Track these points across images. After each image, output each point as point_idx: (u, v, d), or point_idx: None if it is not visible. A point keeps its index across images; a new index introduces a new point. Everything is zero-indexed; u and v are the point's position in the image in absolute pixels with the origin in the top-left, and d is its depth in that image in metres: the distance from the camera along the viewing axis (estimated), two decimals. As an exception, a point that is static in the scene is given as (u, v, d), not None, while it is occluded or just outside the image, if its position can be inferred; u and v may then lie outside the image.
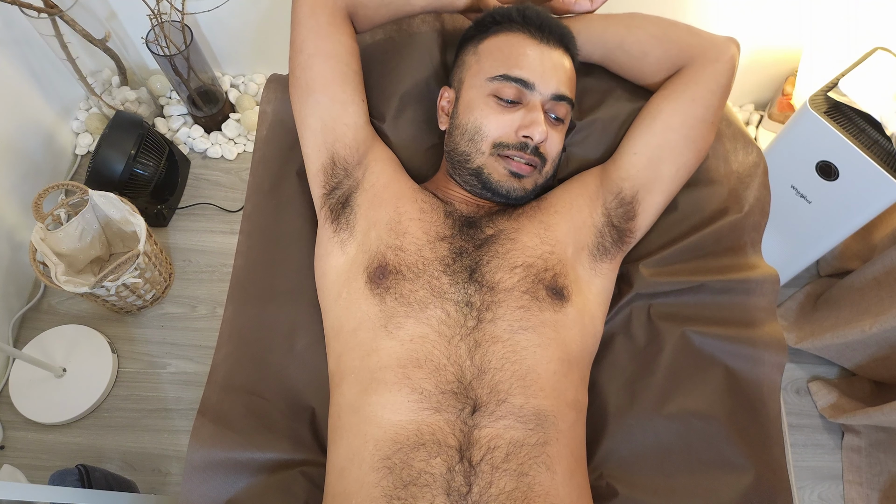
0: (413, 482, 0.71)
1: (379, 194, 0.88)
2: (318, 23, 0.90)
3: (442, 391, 0.76)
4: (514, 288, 0.81)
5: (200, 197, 1.67)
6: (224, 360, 0.90)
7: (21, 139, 1.55)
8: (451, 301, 0.80)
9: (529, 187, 0.90)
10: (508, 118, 0.87)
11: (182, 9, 1.46)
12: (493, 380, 0.76)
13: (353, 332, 0.82)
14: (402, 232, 0.84)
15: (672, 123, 0.90)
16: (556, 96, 0.87)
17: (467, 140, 0.89)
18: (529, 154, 0.87)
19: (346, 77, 0.91)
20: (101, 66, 1.73)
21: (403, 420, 0.75)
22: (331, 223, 0.89)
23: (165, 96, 1.78)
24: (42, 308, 1.55)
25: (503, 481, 0.72)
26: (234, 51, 1.71)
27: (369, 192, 0.89)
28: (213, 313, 1.54)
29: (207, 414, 0.85)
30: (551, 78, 0.86)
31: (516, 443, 0.74)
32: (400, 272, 0.81)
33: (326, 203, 0.90)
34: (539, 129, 0.84)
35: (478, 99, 0.89)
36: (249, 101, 1.73)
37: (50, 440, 1.41)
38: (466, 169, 0.90)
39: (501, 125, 0.87)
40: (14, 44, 1.50)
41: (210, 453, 0.83)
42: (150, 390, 1.47)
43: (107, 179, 1.49)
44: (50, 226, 1.40)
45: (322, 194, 0.91)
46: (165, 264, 1.53)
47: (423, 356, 0.77)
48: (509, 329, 0.79)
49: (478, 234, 0.87)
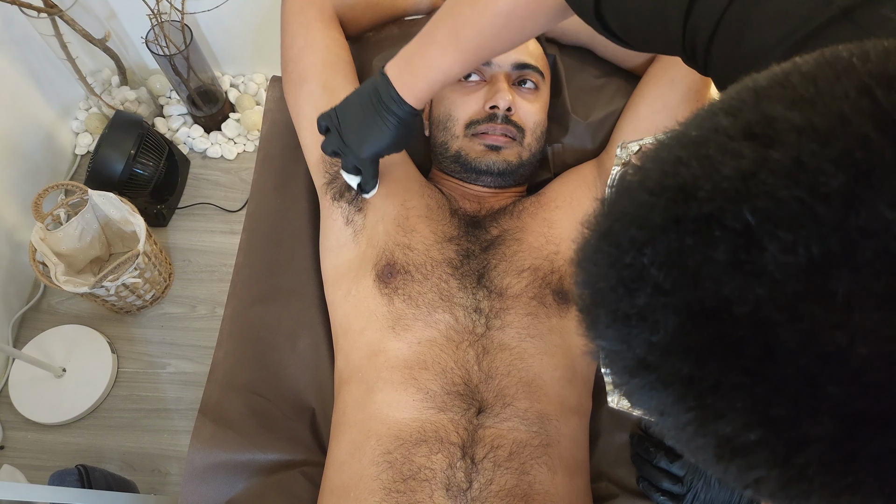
0: (413, 476, 0.71)
1: (386, 184, 0.88)
2: (307, 18, 0.92)
3: (448, 392, 0.76)
4: (522, 294, 0.81)
5: (200, 197, 1.67)
6: (224, 359, 0.90)
7: (21, 139, 1.54)
8: (460, 306, 0.80)
9: (513, 160, 0.89)
10: (474, 97, 0.88)
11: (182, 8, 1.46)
12: (499, 385, 0.77)
13: (361, 332, 0.82)
14: (410, 229, 0.84)
15: (656, 107, 0.91)
16: (518, 65, 0.88)
17: (442, 129, 0.91)
18: (502, 124, 0.87)
19: (336, 66, 0.92)
20: (101, 66, 1.73)
21: (408, 418, 0.75)
22: (341, 212, 0.89)
23: (165, 96, 1.78)
24: (42, 308, 1.55)
25: (504, 479, 0.72)
26: (234, 50, 1.71)
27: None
28: (213, 313, 1.54)
29: (208, 414, 0.85)
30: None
31: (520, 443, 0.74)
32: (408, 272, 0.81)
33: (328, 191, 0.90)
34: (502, 95, 0.85)
35: (445, 90, 0.90)
36: (249, 100, 1.72)
37: (49, 440, 1.41)
38: (447, 157, 0.91)
39: (469, 104, 0.88)
40: (14, 43, 1.49)
41: (211, 454, 0.82)
42: (150, 390, 1.47)
43: (106, 179, 1.49)
44: (50, 226, 1.40)
45: (323, 183, 0.91)
46: (165, 264, 1.53)
47: (431, 359, 0.77)
48: (517, 337, 0.79)
49: (483, 234, 0.86)
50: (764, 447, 0.26)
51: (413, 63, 0.73)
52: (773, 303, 0.24)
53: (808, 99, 0.26)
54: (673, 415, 0.28)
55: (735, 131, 0.27)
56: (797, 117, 0.25)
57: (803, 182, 0.24)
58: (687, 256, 0.26)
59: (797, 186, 0.24)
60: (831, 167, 0.24)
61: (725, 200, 0.25)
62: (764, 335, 0.24)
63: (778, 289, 0.24)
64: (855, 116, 0.24)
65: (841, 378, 0.24)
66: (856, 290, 0.23)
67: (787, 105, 0.26)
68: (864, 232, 0.23)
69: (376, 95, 0.75)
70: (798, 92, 0.26)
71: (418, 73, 0.72)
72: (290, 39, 0.93)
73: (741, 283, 0.24)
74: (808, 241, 0.23)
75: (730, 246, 0.25)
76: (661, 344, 0.27)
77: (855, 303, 0.23)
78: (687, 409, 0.27)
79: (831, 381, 0.24)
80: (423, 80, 0.73)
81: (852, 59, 0.26)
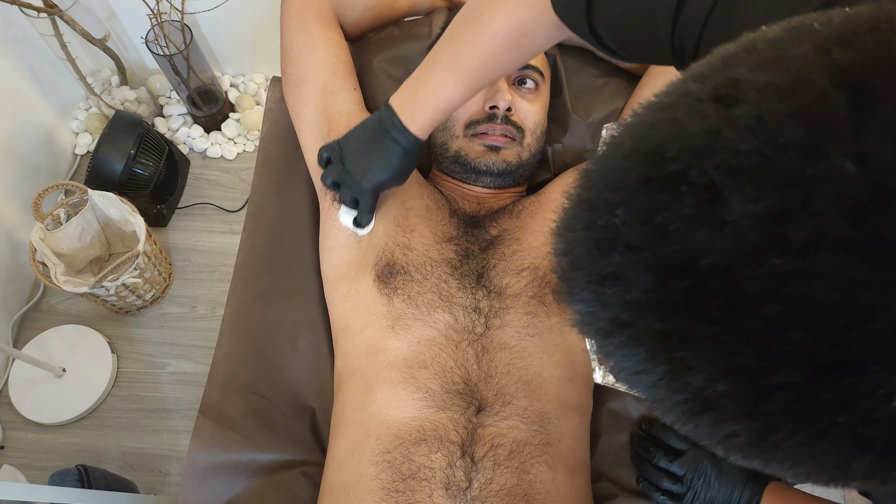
0: (412, 476, 0.71)
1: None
2: (306, 20, 0.92)
3: (447, 391, 0.76)
4: (521, 293, 0.81)
5: (200, 197, 1.67)
6: (225, 358, 0.90)
7: (21, 139, 1.54)
8: (460, 306, 0.80)
9: (513, 160, 0.89)
10: (474, 97, 0.87)
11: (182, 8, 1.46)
12: (499, 384, 0.77)
13: (361, 331, 0.82)
14: (410, 229, 0.84)
15: None
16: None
17: (441, 129, 0.91)
18: (501, 124, 0.87)
19: (335, 67, 0.92)
20: (101, 66, 1.73)
21: (407, 417, 0.75)
22: None
23: (165, 96, 1.78)
24: (42, 308, 1.55)
25: (504, 478, 0.72)
26: (234, 50, 1.71)
27: None
28: (213, 313, 1.54)
29: (208, 413, 0.85)
30: None
31: (520, 442, 0.74)
32: (408, 272, 0.81)
33: (328, 192, 0.90)
34: (502, 95, 0.85)
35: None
36: (249, 100, 1.72)
37: (49, 440, 1.41)
38: (447, 158, 0.91)
39: (468, 105, 0.88)
40: (14, 43, 1.49)
41: (211, 454, 0.82)
42: (150, 390, 1.47)
43: (106, 179, 1.49)
44: (49, 226, 1.40)
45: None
46: (165, 264, 1.53)
47: (430, 358, 0.77)
48: (517, 336, 0.79)
49: (482, 234, 0.87)
50: (732, 398, 0.26)
51: (415, 92, 0.73)
52: (736, 253, 0.25)
53: (771, 61, 0.27)
54: (647, 372, 0.29)
55: (703, 94, 0.28)
56: (760, 78, 0.26)
57: (762, 136, 0.25)
58: (656, 214, 0.27)
59: (757, 140, 0.25)
60: (789, 120, 0.25)
61: (691, 158, 0.26)
62: (728, 286, 0.25)
63: (740, 239, 0.25)
64: (813, 74, 0.25)
65: (802, 324, 0.24)
66: (813, 237, 0.24)
67: (751, 67, 0.27)
68: (820, 180, 0.24)
69: (380, 126, 0.76)
70: (762, 55, 0.27)
71: (420, 102, 0.73)
72: (289, 41, 0.93)
73: (706, 235, 0.25)
74: (766, 192, 0.24)
75: (695, 200, 0.26)
76: (633, 301, 0.28)
77: (812, 249, 0.24)
78: (658, 364, 0.28)
79: (793, 327, 0.24)
80: (426, 109, 0.73)
81: (814, 25, 0.27)
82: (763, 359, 0.25)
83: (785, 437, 0.26)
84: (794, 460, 0.27)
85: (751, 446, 0.28)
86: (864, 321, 0.23)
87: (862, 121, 0.24)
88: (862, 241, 0.23)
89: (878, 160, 0.23)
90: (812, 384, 0.25)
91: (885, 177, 0.23)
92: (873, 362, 0.24)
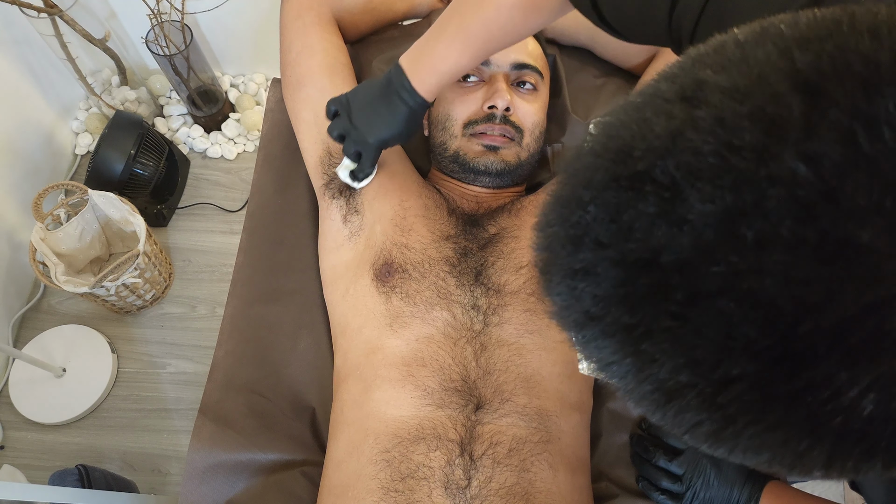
0: (411, 475, 0.71)
1: (384, 184, 0.88)
2: (304, 23, 0.92)
3: (445, 389, 0.76)
4: (520, 290, 0.81)
5: (200, 197, 1.67)
6: (225, 358, 0.90)
7: (21, 139, 1.54)
8: (458, 303, 0.80)
9: (511, 160, 0.89)
10: (473, 97, 0.88)
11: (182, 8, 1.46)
12: (497, 381, 0.77)
13: (359, 330, 0.82)
14: (408, 228, 0.84)
15: None
16: (517, 65, 0.88)
17: (441, 129, 0.91)
18: (500, 124, 0.87)
19: (333, 69, 0.92)
20: (101, 66, 1.73)
21: (405, 415, 0.75)
22: (338, 213, 0.89)
23: (165, 96, 1.78)
24: (42, 308, 1.55)
25: (504, 476, 0.72)
26: (234, 50, 1.71)
27: (374, 181, 0.89)
28: (213, 313, 1.54)
29: (208, 413, 0.85)
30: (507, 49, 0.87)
31: (519, 439, 0.74)
32: (406, 271, 0.81)
33: (326, 193, 0.90)
34: (501, 95, 0.85)
35: (443, 91, 0.90)
36: (249, 100, 1.72)
37: (50, 440, 1.41)
38: (446, 158, 0.91)
39: (467, 104, 0.88)
40: (14, 43, 1.49)
41: (210, 453, 0.82)
42: (150, 390, 1.47)
43: (106, 179, 1.49)
44: (50, 226, 1.40)
45: (322, 185, 0.91)
46: (165, 264, 1.53)
47: (429, 356, 0.77)
48: (515, 333, 0.79)
49: (481, 232, 0.87)
50: (692, 389, 0.27)
51: (424, 55, 0.75)
52: (694, 250, 0.26)
53: (735, 63, 0.28)
54: (616, 363, 0.30)
55: (671, 94, 0.28)
56: (724, 80, 0.27)
57: (722, 137, 0.26)
58: (622, 211, 0.28)
59: (716, 141, 0.26)
60: (747, 122, 0.26)
61: (655, 157, 0.27)
62: (687, 281, 0.26)
63: (698, 237, 0.26)
64: (772, 76, 0.26)
65: (754, 319, 0.25)
66: (764, 236, 0.25)
67: (717, 69, 0.28)
68: (772, 180, 0.24)
69: (389, 84, 0.77)
70: (728, 57, 0.28)
71: (429, 66, 0.75)
72: (288, 44, 0.93)
73: (667, 233, 0.26)
74: (723, 191, 0.25)
75: (657, 199, 0.27)
76: (603, 296, 0.29)
77: (764, 247, 0.25)
78: (626, 356, 0.29)
79: (746, 322, 0.25)
80: (434, 72, 0.75)
81: (781, 27, 0.28)
82: (719, 352, 0.26)
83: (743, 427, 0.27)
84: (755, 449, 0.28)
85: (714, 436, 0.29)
86: (813, 316, 0.24)
87: (814, 123, 0.24)
88: (811, 239, 0.24)
89: (829, 161, 0.24)
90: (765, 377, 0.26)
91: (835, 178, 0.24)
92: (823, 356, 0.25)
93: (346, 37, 0.99)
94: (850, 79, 0.24)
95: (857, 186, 0.23)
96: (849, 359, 0.24)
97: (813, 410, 0.26)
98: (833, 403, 0.25)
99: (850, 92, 0.24)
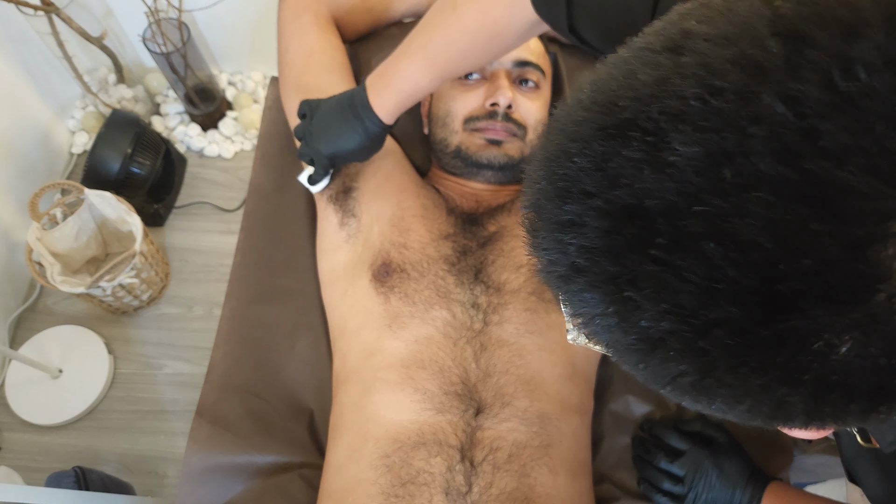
0: (411, 480, 0.71)
1: (381, 185, 0.88)
2: (302, 23, 0.92)
3: (445, 392, 0.75)
4: (520, 289, 0.81)
5: (197, 196, 1.66)
6: (222, 359, 0.89)
7: (17, 138, 1.53)
8: (457, 302, 0.79)
9: (514, 154, 0.89)
10: (474, 94, 0.88)
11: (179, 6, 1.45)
12: (498, 383, 0.76)
13: (358, 331, 0.82)
14: (406, 228, 0.84)
15: None
16: (518, 62, 0.88)
17: (441, 126, 0.91)
18: (502, 122, 0.87)
19: (331, 68, 0.92)
20: (98, 64, 1.72)
21: (405, 420, 0.75)
22: (335, 214, 0.89)
23: (162, 94, 1.77)
24: (38, 308, 1.54)
25: (504, 481, 0.71)
26: (232, 48, 1.70)
27: (371, 182, 0.88)
28: (210, 314, 1.53)
29: (205, 415, 0.84)
30: None
31: (519, 444, 0.74)
32: (404, 270, 0.81)
33: (325, 193, 0.90)
34: (503, 93, 0.85)
35: (444, 87, 0.89)
36: (247, 98, 1.71)
37: (46, 442, 1.40)
38: (448, 154, 0.90)
39: (468, 101, 0.88)
40: (10, 42, 1.48)
41: (207, 456, 0.82)
42: (147, 392, 1.46)
43: (103, 178, 1.48)
44: (46, 225, 1.39)
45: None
46: (162, 264, 1.52)
47: (428, 357, 0.77)
48: (516, 332, 0.79)
49: (480, 231, 0.86)
50: (675, 336, 0.27)
51: (385, 73, 0.74)
52: (678, 194, 0.26)
53: (721, 13, 0.28)
54: (602, 315, 0.30)
55: (657, 45, 0.29)
56: (709, 29, 0.28)
57: (705, 81, 0.26)
58: (608, 159, 0.28)
59: (699, 85, 0.26)
60: (729, 66, 0.26)
61: (641, 105, 0.28)
62: (671, 226, 0.26)
63: (681, 181, 0.26)
64: (755, 22, 0.27)
65: (738, 262, 0.25)
66: (746, 177, 0.25)
67: (702, 20, 0.28)
68: (752, 121, 0.25)
69: (351, 100, 0.76)
70: (714, 8, 0.29)
71: (388, 84, 0.74)
72: (286, 43, 0.93)
73: (651, 177, 0.27)
74: (705, 133, 0.25)
75: (642, 144, 0.27)
76: (589, 247, 0.29)
77: (746, 189, 0.25)
78: (610, 305, 0.29)
79: (729, 265, 0.25)
80: (393, 91, 0.74)
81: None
82: (702, 296, 0.26)
83: (724, 373, 0.27)
84: (735, 397, 0.28)
85: (695, 386, 0.29)
86: (794, 258, 0.24)
87: (794, 65, 0.25)
88: (791, 178, 0.24)
89: (808, 101, 0.24)
90: (747, 321, 0.26)
91: (814, 117, 0.24)
92: (805, 299, 0.25)
93: (344, 36, 0.99)
94: (832, 22, 0.25)
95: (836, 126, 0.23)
96: (828, 300, 0.24)
97: (792, 353, 0.26)
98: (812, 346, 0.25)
99: (831, 35, 0.25)
